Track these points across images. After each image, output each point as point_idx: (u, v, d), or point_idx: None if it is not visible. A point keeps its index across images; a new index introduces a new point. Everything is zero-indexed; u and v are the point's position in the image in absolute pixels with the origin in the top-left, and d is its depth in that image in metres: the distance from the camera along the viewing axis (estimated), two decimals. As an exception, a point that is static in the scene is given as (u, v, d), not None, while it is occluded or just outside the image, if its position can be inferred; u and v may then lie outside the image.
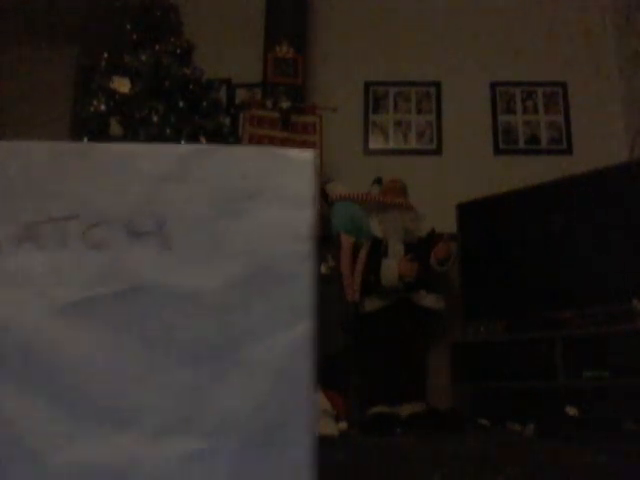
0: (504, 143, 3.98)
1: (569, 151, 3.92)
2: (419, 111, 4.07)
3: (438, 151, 3.98)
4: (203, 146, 0.75)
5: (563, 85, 4.02)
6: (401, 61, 4.10)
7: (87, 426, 0.61)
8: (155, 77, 2.91)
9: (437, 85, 4.09)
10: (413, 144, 3.98)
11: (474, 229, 3.45)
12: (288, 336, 0.65)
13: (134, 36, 3.02)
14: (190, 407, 0.62)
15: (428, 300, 3.19)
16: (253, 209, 0.69)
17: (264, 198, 0.69)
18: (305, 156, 0.71)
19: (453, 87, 4.06)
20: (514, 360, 2.96)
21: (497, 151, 3.97)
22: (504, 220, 3.35)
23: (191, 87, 3.00)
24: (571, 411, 2.63)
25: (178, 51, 3.04)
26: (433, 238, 3.29)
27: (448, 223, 3.45)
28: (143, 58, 2.92)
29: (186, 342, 0.64)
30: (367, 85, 4.10)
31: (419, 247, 3.24)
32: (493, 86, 4.06)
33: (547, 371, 2.80)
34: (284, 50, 3.78)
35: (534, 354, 2.90)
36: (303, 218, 0.69)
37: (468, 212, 3.48)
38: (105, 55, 2.99)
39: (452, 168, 3.85)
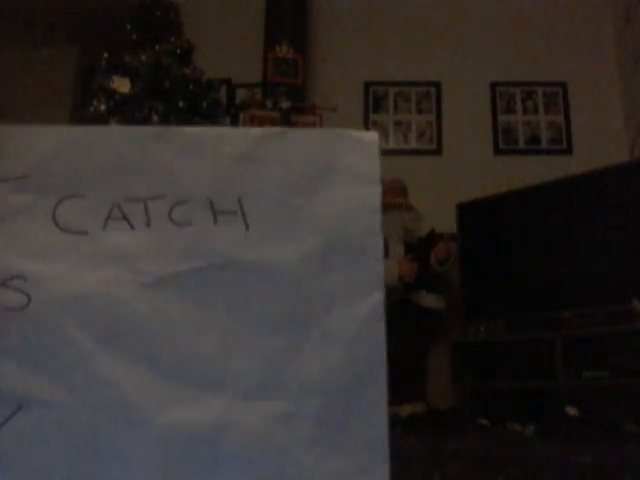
0: (504, 143, 3.98)
1: (569, 151, 3.92)
2: (419, 111, 4.07)
3: (438, 151, 3.97)
4: (275, 129, 0.80)
5: (563, 85, 4.02)
6: (401, 61, 4.09)
7: (184, 390, 0.65)
8: (155, 77, 2.90)
9: (437, 85, 4.09)
10: (413, 144, 3.97)
11: (474, 229, 3.45)
12: (363, 305, 0.70)
13: (134, 36, 3.02)
14: (275, 372, 0.67)
15: (428, 300, 3.19)
16: (325, 187, 0.74)
17: (335, 177, 0.74)
18: (370, 136, 0.78)
19: (453, 87, 4.06)
20: (514, 360, 2.96)
21: (497, 151, 3.97)
22: (504, 220, 3.35)
23: (191, 87, 3.00)
24: (571, 411, 2.63)
25: (178, 51, 3.04)
26: (433, 238, 3.29)
27: (448, 223, 3.45)
28: (143, 58, 2.92)
29: (268, 312, 0.69)
30: (367, 85, 4.09)
31: (419, 247, 3.24)
32: (493, 86, 4.06)
33: (547, 371, 2.80)
34: (284, 50, 3.78)
35: (534, 354, 2.90)
36: (373, 194, 0.74)
37: (468, 212, 3.48)
38: (105, 55, 2.99)
39: (452, 168, 3.85)
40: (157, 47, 2.98)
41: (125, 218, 0.73)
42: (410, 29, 4.13)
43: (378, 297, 0.71)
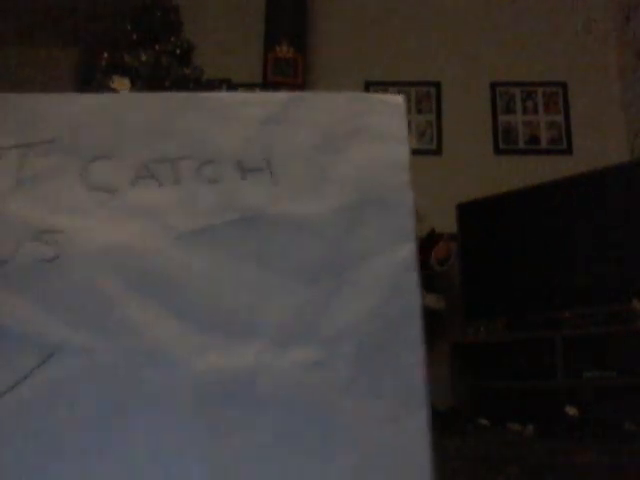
0: (504, 143, 3.98)
1: (569, 151, 3.92)
2: (419, 111, 4.07)
3: (438, 151, 3.97)
4: (301, 93, 0.84)
5: (563, 85, 4.01)
6: (401, 61, 4.09)
7: (217, 338, 0.67)
8: (155, 77, 2.90)
9: (437, 85, 4.09)
10: (413, 144, 3.95)
11: (474, 229, 3.45)
12: (396, 256, 0.73)
13: (134, 36, 3.02)
14: (308, 321, 0.69)
15: (428, 300, 3.18)
16: (354, 146, 0.77)
17: (363, 136, 0.78)
18: (397, 99, 0.84)
19: (453, 87, 4.06)
20: (514, 360, 2.96)
21: (497, 151, 3.96)
22: (504, 220, 3.35)
23: (191, 87, 3.00)
24: (571, 411, 2.63)
25: (178, 51, 3.04)
26: (433, 238, 3.29)
27: (448, 223, 3.45)
28: (143, 58, 2.92)
29: (301, 263, 0.71)
30: (367, 85, 4.09)
31: (419, 247, 3.23)
32: (493, 86, 4.06)
33: (547, 371, 2.80)
34: (284, 50, 3.78)
35: (534, 354, 2.90)
36: (401, 151, 0.79)
37: (468, 212, 3.48)
38: (105, 55, 2.99)
39: (452, 168, 3.85)
40: (157, 47, 2.98)
41: (153, 177, 0.75)
42: (410, 29, 4.13)
43: (410, 248, 0.74)
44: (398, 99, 0.84)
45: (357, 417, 0.66)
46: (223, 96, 0.82)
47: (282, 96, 0.81)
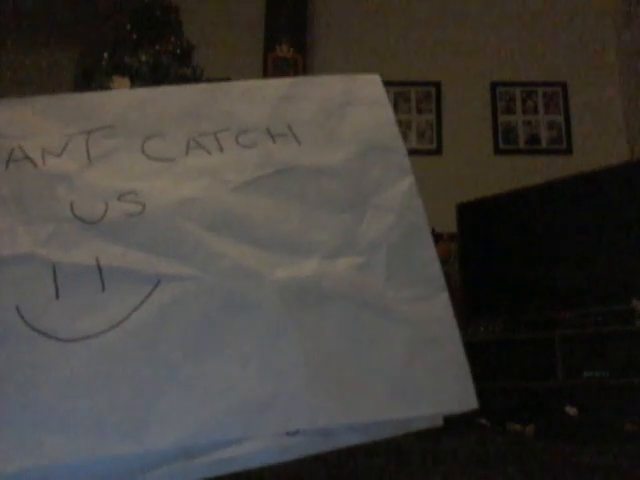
0: (504, 143, 3.98)
1: (569, 151, 3.92)
2: (419, 111, 4.07)
3: (438, 151, 3.98)
4: (303, 77, 1.06)
5: (563, 85, 4.02)
6: (401, 61, 4.09)
7: (284, 256, 0.85)
8: (155, 77, 2.90)
9: (437, 85, 4.09)
10: (413, 144, 3.97)
11: (474, 229, 3.45)
12: (401, 185, 0.96)
13: (134, 36, 3.02)
14: (346, 238, 0.89)
15: (428, 300, 3.18)
16: (351, 111, 1.01)
17: (357, 103, 1.02)
18: (374, 77, 1.06)
19: (453, 87, 4.06)
20: (514, 360, 2.96)
21: (497, 151, 3.97)
22: (504, 220, 3.35)
23: (191, 87, 2.99)
24: (571, 411, 2.63)
25: (178, 51, 3.04)
26: (433, 238, 3.29)
27: (448, 223, 3.45)
28: (143, 58, 2.92)
29: (332, 198, 0.92)
30: (367, 85, 4.09)
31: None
32: (493, 86, 4.06)
33: (547, 371, 2.80)
34: (284, 50, 3.78)
35: (534, 354, 2.90)
36: (387, 112, 1.02)
37: (468, 212, 3.48)
38: (105, 55, 2.99)
39: (452, 168, 3.85)
40: (157, 47, 2.98)
41: (202, 147, 0.93)
42: (410, 29, 4.13)
43: (410, 179, 0.97)
44: (376, 77, 1.06)
45: (398, 300, 0.86)
46: (242, 83, 1.03)
47: (289, 80, 1.04)
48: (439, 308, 0.88)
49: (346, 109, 1.00)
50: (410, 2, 4.18)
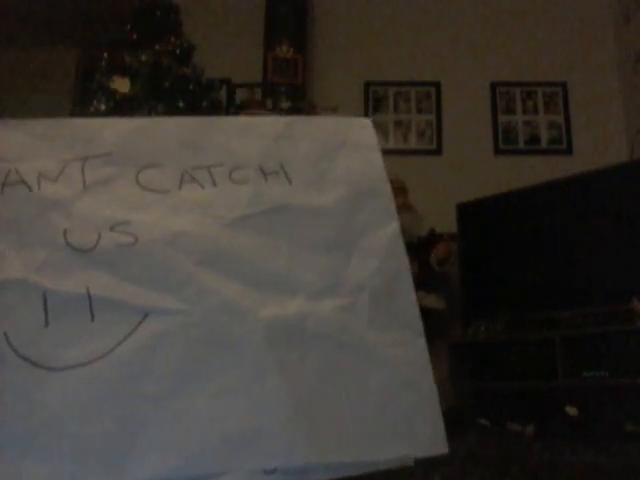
0: (504, 143, 3.98)
1: (569, 151, 3.92)
2: (419, 111, 4.07)
3: (438, 151, 3.97)
4: (299, 117, 1.13)
5: (563, 85, 4.01)
6: (401, 61, 4.09)
7: (270, 295, 0.87)
8: (155, 77, 2.90)
9: (437, 85, 4.09)
10: (413, 144, 3.97)
11: (474, 229, 3.45)
12: (386, 230, 0.98)
13: (134, 36, 3.02)
14: (332, 279, 0.92)
15: (428, 300, 3.19)
16: (342, 154, 1.03)
17: (348, 147, 1.04)
18: (366, 120, 1.10)
19: (453, 87, 4.06)
20: (514, 360, 2.96)
21: (497, 151, 3.96)
22: (504, 220, 3.35)
23: (191, 87, 3.00)
24: (571, 411, 2.63)
25: (178, 51, 3.04)
26: (433, 238, 3.29)
27: (448, 223, 3.45)
28: (143, 58, 2.92)
29: (320, 239, 0.95)
30: (367, 85, 4.09)
31: (419, 247, 3.24)
32: (493, 86, 4.06)
33: (547, 371, 2.80)
34: (284, 50, 3.78)
35: (534, 354, 2.90)
36: (377, 157, 1.05)
37: (468, 212, 3.48)
38: (105, 55, 2.99)
39: (452, 168, 3.85)
40: (157, 47, 2.98)
41: (195, 180, 0.95)
42: (410, 29, 4.13)
43: (395, 225, 0.99)
44: (367, 121, 1.11)
45: (378, 344, 0.89)
46: (240, 119, 1.12)
47: (285, 119, 1.07)
48: (416, 353, 0.92)
49: (338, 152, 1.03)
50: (410, 3, 4.18)
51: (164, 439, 0.75)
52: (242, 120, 1.08)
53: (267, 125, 1.05)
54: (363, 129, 1.08)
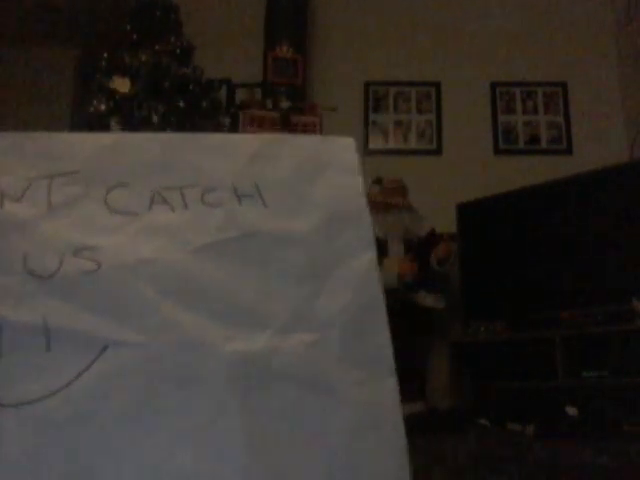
0: (504, 143, 3.98)
1: (569, 151, 3.92)
2: (419, 111, 4.07)
3: (438, 151, 3.97)
4: (278, 135, 1.07)
5: (563, 85, 4.01)
6: (401, 61, 4.09)
7: (237, 328, 0.84)
8: (155, 77, 2.90)
9: (437, 85, 4.08)
10: (413, 144, 3.97)
11: (474, 229, 3.45)
12: (361, 260, 0.93)
13: (134, 36, 3.02)
14: (302, 312, 0.87)
15: (428, 300, 3.18)
16: (321, 177, 0.98)
17: (327, 169, 0.99)
18: (348, 140, 1.03)
19: (453, 87, 4.05)
20: (514, 360, 2.96)
21: (497, 151, 3.96)
22: (504, 220, 3.35)
23: (191, 87, 3.00)
24: (571, 411, 2.63)
25: (178, 51, 3.04)
26: (433, 238, 3.29)
27: (448, 223, 3.45)
28: (143, 58, 2.92)
29: (292, 268, 0.90)
30: (367, 85, 4.09)
31: (419, 247, 3.24)
32: (493, 86, 4.06)
33: (547, 371, 2.80)
34: (284, 50, 3.78)
35: (534, 354, 2.90)
36: (357, 181, 0.99)
37: (468, 212, 3.48)
38: (105, 55, 2.99)
39: (452, 168, 3.85)
40: (157, 47, 2.98)
41: (166, 202, 0.91)
42: (410, 29, 4.13)
43: (371, 255, 0.94)
44: (350, 140, 1.03)
45: (345, 382, 0.85)
46: (215, 136, 1.04)
47: (264, 137, 1.06)
48: (385, 393, 0.87)
49: (317, 174, 0.98)
50: (410, 3, 4.17)
51: None
52: (217, 137, 1.04)
53: (243, 143, 1.00)
54: (345, 151, 1.02)
